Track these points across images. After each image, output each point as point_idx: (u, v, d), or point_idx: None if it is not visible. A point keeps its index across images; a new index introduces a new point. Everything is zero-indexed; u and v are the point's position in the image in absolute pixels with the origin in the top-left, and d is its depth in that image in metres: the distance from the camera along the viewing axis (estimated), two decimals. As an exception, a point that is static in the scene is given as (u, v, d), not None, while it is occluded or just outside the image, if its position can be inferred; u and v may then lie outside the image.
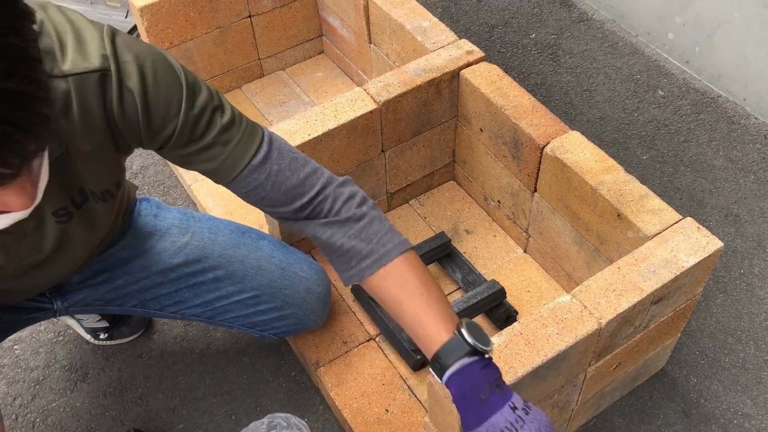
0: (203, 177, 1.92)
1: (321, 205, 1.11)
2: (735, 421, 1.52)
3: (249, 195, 1.11)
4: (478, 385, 0.92)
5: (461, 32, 2.46)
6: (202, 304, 1.44)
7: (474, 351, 0.93)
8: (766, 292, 1.73)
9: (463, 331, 0.94)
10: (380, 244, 1.07)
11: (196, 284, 1.41)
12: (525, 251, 1.72)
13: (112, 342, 1.70)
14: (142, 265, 1.39)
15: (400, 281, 1.04)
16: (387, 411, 1.46)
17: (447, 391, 0.97)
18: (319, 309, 1.50)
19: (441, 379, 0.96)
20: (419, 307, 1.01)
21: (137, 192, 1.56)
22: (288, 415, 1.30)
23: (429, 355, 0.98)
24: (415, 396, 1.49)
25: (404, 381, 1.51)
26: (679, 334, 1.50)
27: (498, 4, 2.57)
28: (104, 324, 1.67)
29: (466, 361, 0.93)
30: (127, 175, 2.01)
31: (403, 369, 1.53)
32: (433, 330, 0.97)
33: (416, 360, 1.50)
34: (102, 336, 1.68)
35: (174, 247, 1.40)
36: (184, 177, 1.95)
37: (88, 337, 1.69)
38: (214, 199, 1.86)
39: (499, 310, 1.57)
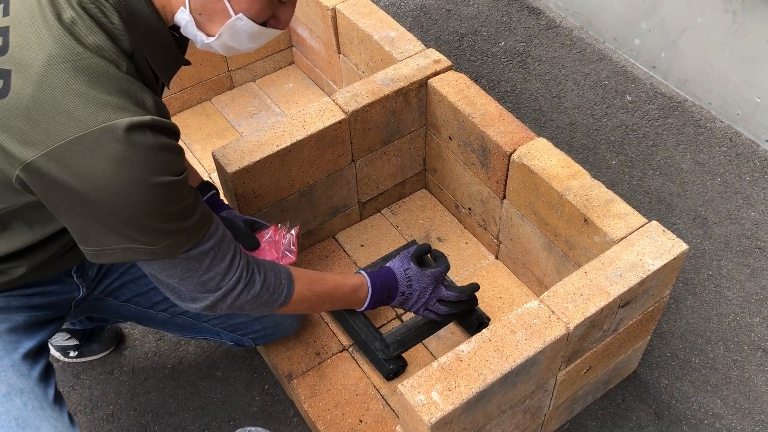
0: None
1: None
2: (706, 422, 1.54)
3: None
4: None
5: (431, 41, 2.48)
6: None
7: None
8: (734, 293, 1.76)
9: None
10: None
11: None
12: (496, 258, 1.73)
13: (83, 359, 1.67)
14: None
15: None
16: (361, 421, 1.46)
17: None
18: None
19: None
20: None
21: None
22: (259, 429, 1.29)
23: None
24: (389, 405, 1.48)
25: (378, 391, 1.51)
26: (649, 337, 1.52)
27: (467, 13, 2.59)
28: (74, 342, 1.65)
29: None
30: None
31: (377, 379, 1.53)
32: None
33: (389, 369, 1.50)
34: (72, 354, 1.66)
35: None
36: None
37: (57, 354, 1.67)
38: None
39: (471, 317, 1.57)
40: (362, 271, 1.41)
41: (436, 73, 1.63)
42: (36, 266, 1.14)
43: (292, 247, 1.44)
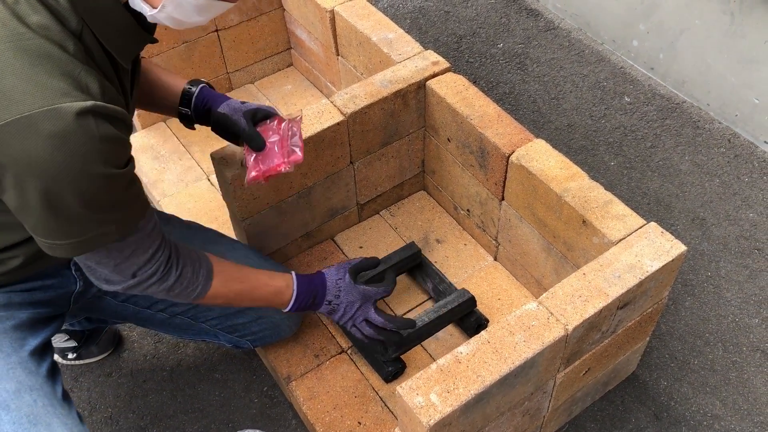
0: (172, 192, 1.93)
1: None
2: (705, 423, 1.54)
3: None
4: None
5: (430, 43, 2.48)
6: None
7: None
8: (733, 294, 1.76)
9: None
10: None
11: None
12: (495, 259, 1.73)
13: (81, 362, 1.67)
14: None
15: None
16: (360, 423, 1.46)
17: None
18: (294, 313, 1.50)
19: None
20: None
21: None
22: (258, 431, 1.29)
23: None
24: (388, 408, 1.48)
25: (377, 393, 1.51)
26: (648, 338, 1.51)
27: (466, 15, 2.59)
28: (72, 344, 1.64)
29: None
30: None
31: (376, 381, 1.53)
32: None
33: (388, 371, 1.50)
34: (70, 356, 1.66)
35: None
36: (153, 193, 1.93)
37: (55, 357, 1.66)
38: (182, 215, 1.83)
39: (469, 318, 1.57)
40: (293, 273, 1.39)
41: (434, 75, 1.63)
42: (32, 256, 1.14)
43: (298, 141, 1.33)
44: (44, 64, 0.88)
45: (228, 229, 1.74)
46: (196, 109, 1.38)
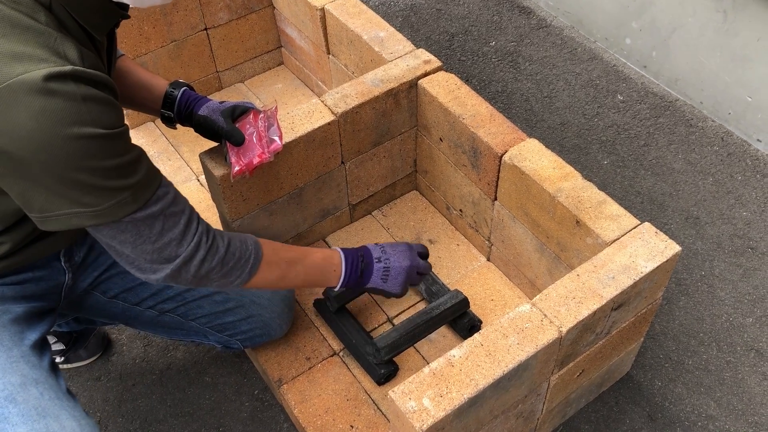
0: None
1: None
2: (699, 423, 1.53)
3: None
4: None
5: (422, 41, 2.46)
6: (176, 296, 1.42)
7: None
8: (727, 293, 1.75)
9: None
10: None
11: None
12: (488, 259, 1.71)
13: (69, 365, 1.65)
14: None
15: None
16: (352, 427, 1.44)
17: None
18: (284, 312, 1.49)
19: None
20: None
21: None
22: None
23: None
24: (380, 411, 1.47)
25: (369, 395, 1.49)
26: (642, 339, 1.50)
27: (458, 13, 2.57)
28: (60, 347, 1.62)
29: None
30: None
31: (368, 383, 1.51)
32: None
33: (381, 374, 1.48)
34: (58, 360, 1.64)
35: None
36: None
37: (43, 361, 1.64)
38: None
39: (462, 320, 1.55)
40: (343, 257, 1.37)
41: (426, 74, 1.62)
42: (20, 242, 1.12)
43: (276, 130, 1.35)
44: (17, 34, 0.86)
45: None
46: (179, 112, 1.39)
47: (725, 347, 1.65)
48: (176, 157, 1.99)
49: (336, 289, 1.42)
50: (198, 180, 1.93)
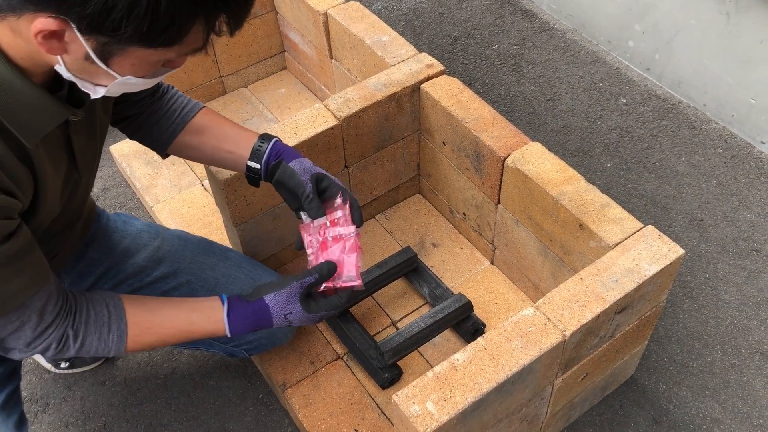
0: (165, 198, 1.91)
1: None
2: (704, 427, 1.52)
3: None
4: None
5: (424, 45, 2.47)
6: None
7: None
8: (731, 295, 1.74)
9: None
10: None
11: (170, 289, 1.40)
12: (492, 263, 1.71)
13: (74, 370, 1.65)
14: (117, 269, 1.38)
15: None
16: (356, 431, 1.44)
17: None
18: None
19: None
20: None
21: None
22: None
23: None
24: (384, 414, 1.47)
25: (373, 399, 1.49)
26: (646, 342, 1.50)
27: (460, 16, 2.58)
28: (65, 352, 1.62)
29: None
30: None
31: (372, 387, 1.51)
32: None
33: (385, 378, 1.49)
34: (63, 365, 1.64)
35: (146, 250, 1.40)
36: (146, 198, 1.92)
37: (48, 366, 1.65)
38: (176, 220, 1.83)
39: (466, 323, 1.55)
40: (226, 318, 1.15)
41: (429, 78, 1.62)
42: None
43: (354, 268, 1.17)
44: None
45: (222, 235, 1.73)
46: (268, 161, 1.25)
47: (730, 350, 1.65)
48: (180, 162, 2.00)
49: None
50: (202, 185, 1.94)
